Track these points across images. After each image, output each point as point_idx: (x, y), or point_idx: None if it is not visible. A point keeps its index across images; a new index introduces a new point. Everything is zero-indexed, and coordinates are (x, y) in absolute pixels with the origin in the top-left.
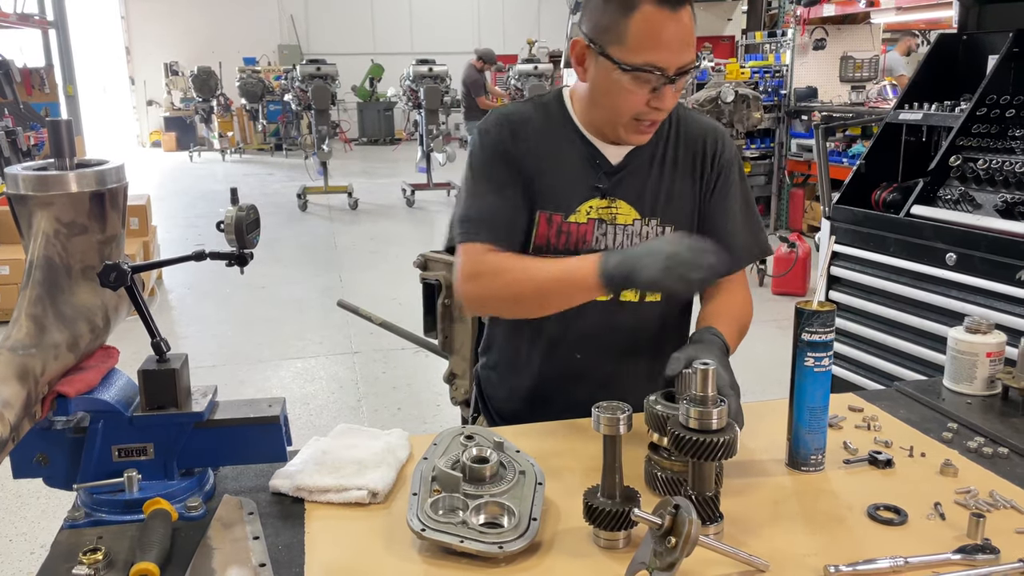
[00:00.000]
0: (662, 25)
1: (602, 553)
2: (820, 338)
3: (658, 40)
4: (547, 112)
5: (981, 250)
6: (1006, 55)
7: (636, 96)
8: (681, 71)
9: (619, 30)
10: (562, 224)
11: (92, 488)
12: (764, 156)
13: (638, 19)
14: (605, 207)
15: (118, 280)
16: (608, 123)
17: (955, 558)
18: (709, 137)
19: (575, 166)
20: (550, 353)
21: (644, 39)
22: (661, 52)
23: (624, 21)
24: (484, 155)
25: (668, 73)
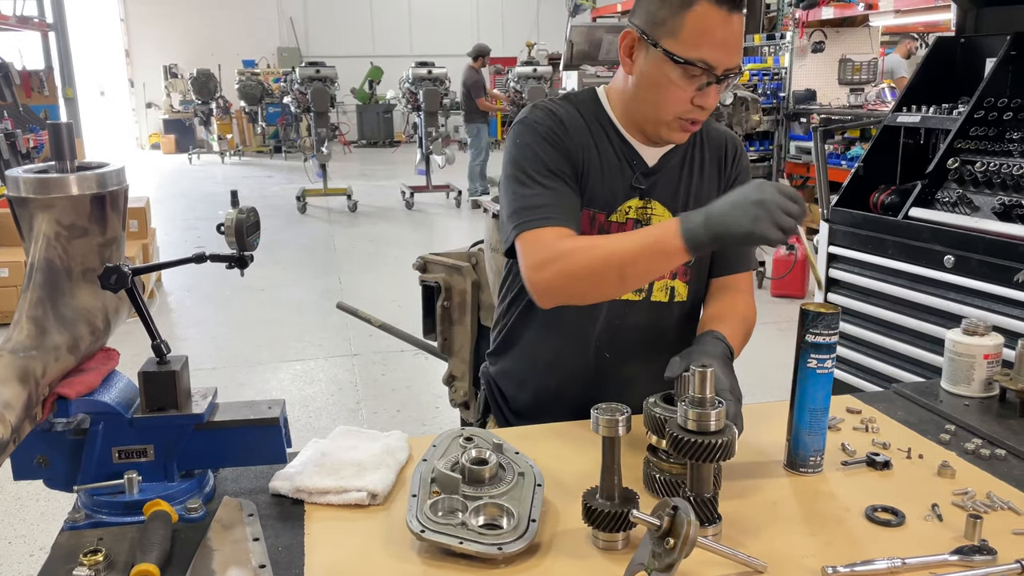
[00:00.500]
0: (717, 23)
1: (601, 554)
2: (824, 340)
3: (712, 37)
4: (586, 111)
5: (979, 252)
6: (1004, 58)
7: (683, 92)
8: (728, 72)
9: (675, 23)
10: (604, 223)
11: (92, 490)
12: (763, 158)
13: (695, 14)
14: (642, 207)
15: (119, 282)
16: (650, 120)
17: (952, 559)
18: (729, 143)
19: (614, 165)
20: (578, 352)
21: (699, 35)
22: (714, 50)
23: (681, 15)
24: (535, 144)
25: (717, 72)
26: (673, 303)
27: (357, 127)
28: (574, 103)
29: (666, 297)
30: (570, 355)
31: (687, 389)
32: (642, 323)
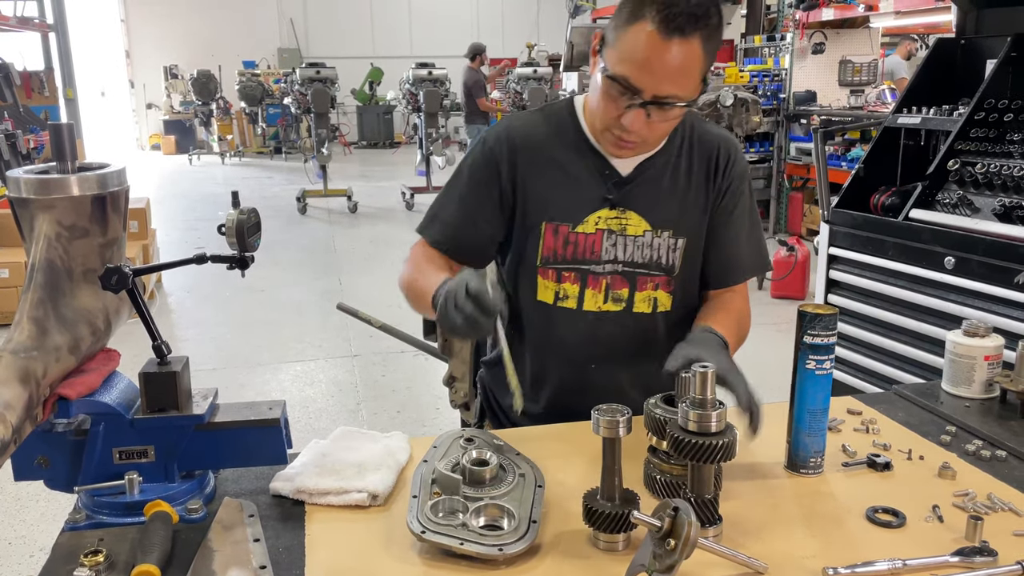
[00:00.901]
0: (650, 46)
1: (602, 555)
2: (822, 341)
3: (641, 58)
4: (556, 122)
5: (979, 254)
6: (1004, 59)
7: (611, 106)
8: (658, 100)
9: (617, 34)
10: (569, 234)
11: (93, 490)
12: (763, 160)
13: (634, 31)
14: (614, 218)
15: (119, 283)
16: (594, 129)
17: (953, 560)
18: (722, 148)
19: (583, 176)
20: (564, 364)
21: (630, 51)
22: (639, 71)
23: (625, 27)
24: (473, 167)
25: (642, 96)
26: (657, 313)
27: (357, 128)
28: (547, 114)
29: (649, 308)
30: (556, 367)
31: (687, 390)
32: (626, 334)
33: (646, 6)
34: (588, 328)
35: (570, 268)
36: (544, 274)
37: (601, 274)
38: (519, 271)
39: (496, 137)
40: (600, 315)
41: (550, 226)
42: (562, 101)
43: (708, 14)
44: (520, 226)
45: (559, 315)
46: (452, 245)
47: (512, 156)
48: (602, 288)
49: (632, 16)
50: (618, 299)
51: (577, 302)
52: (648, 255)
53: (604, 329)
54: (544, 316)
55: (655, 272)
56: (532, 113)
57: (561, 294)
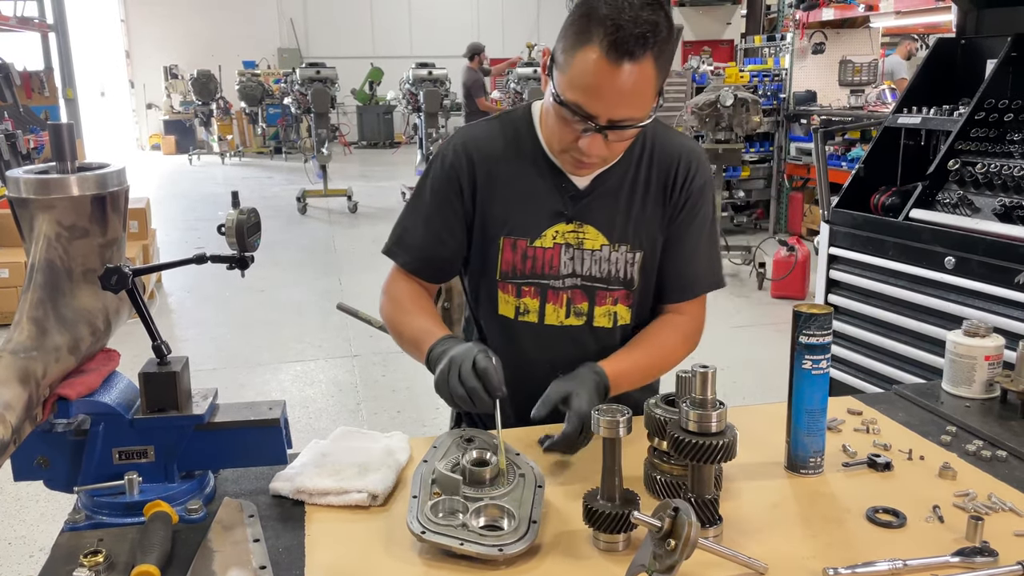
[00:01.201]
0: (600, 73)
1: (602, 556)
2: (817, 341)
3: (590, 86)
4: (514, 133)
5: (979, 254)
6: (1004, 59)
7: (567, 131)
8: (614, 124)
9: (568, 58)
10: (527, 249)
11: (93, 491)
12: (763, 160)
13: (583, 56)
14: (572, 232)
15: (119, 283)
16: (551, 147)
17: (954, 561)
18: (683, 160)
19: (540, 190)
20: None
21: (579, 79)
22: (592, 99)
23: (574, 51)
24: (433, 181)
25: (598, 121)
26: (616, 327)
27: (357, 128)
28: (505, 123)
29: (609, 323)
30: (525, 380)
31: (687, 390)
32: (589, 348)
33: (593, 29)
34: (550, 342)
35: (529, 283)
36: (504, 288)
37: (561, 288)
38: (480, 285)
39: (455, 152)
40: (562, 329)
41: (508, 241)
42: (520, 109)
43: (657, 30)
44: (479, 240)
45: (521, 329)
46: (423, 266)
47: (471, 170)
48: (563, 303)
49: (579, 40)
50: (579, 313)
51: (538, 316)
52: (606, 269)
53: (566, 343)
54: (506, 330)
55: (614, 287)
56: (490, 122)
57: (522, 309)
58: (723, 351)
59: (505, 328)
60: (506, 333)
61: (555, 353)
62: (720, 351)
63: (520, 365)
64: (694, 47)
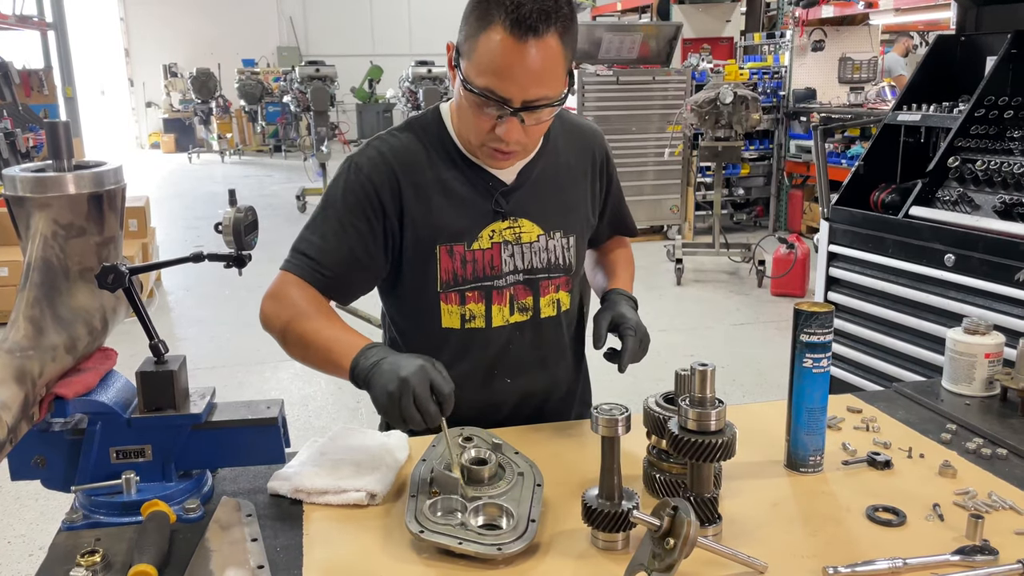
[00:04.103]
0: (508, 53)
1: (601, 554)
2: (818, 339)
3: (500, 67)
4: (430, 138)
5: (979, 251)
6: (1004, 56)
7: (482, 120)
8: (528, 105)
9: (471, 45)
10: (466, 254)
11: (90, 490)
12: (763, 157)
13: (487, 39)
14: (508, 228)
15: (116, 282)
16: (465, 141)
17: (954, 559)
18: (596, 144)
19: (468, 192)
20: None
21: (487, 62)
22: (502, 80)
23: (477, 36)
24: (345, 194)
25: (512, 104)
26: (561, 314)
27: (357, 126)
28: (417, 131)
29: (554, 311)
30: (469, 385)
31: (686, 388)
32: (537, 341)
33: (493, 10)
34: (499, 343)
35: (472, 287)
36: (447, 299)
37: (504, 287)
38: (417, 302)
39: (372, 164)
40: (509, 328)
41: (444, 248)
42: (427, 114)
43: (557, 7)
44: (413, 255)
45: (468, 337)
46: (329, 282)
47: (393, 183)
48: (507, 301)
49: (481, 23)
50: (524, 308)
51: (485, 320)
52: (545, 259)
53: (514, 341)
54: (452, 342)
55: (555, 274)
56: (400, 132)
57: (467, 316)
58: (722, 349)
59: (452, 340)
60: (453, 345)
61: (504, 353)
62: (719, 349)
63: (468, 373)
64: (693, 44)
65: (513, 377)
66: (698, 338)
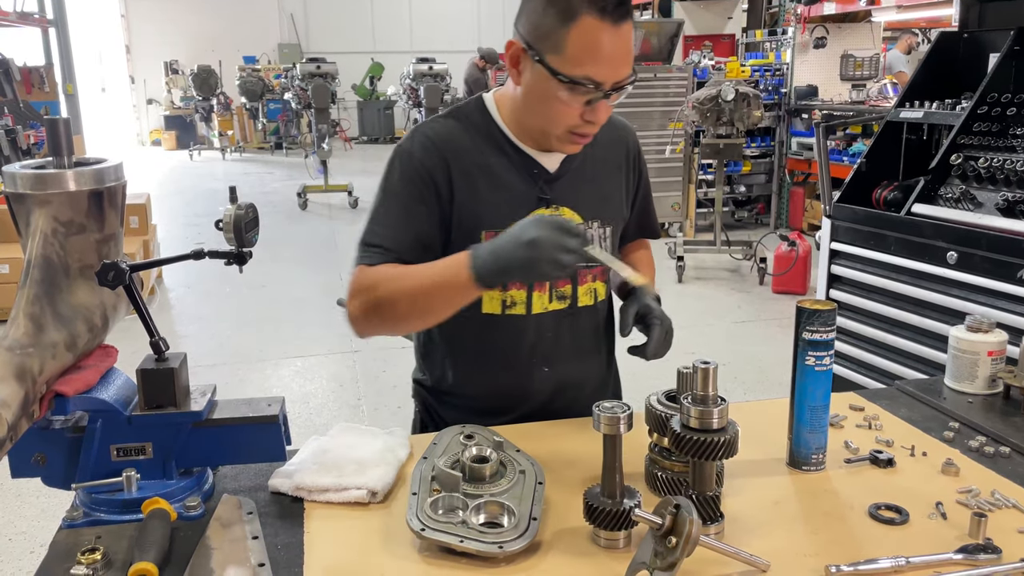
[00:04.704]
0: (602, 38)
1: (602, 553)
2: (821, 337)
3: (597, 53)
4: (473, 126)
5: (982, 249)
6: (1007, 53)
7: (570, 108)
8: (617, 86)
9: (558, 38)
10: None
11: (90, 488)
12: (764, 155)
13: (578, 30)
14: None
15: (116, 279)
16: (542, 132)
17: (957, 558)
18: (630, 137)
19: (513, 179)
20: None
21: (583, 51)
22: (599, 66)
23: (563, 30)
24: (403, 182)
25: (604, 87)
26: (597, 304)
27: (358, 123)
28: (460, 118)
29: (592, 300)
30: (504, 377)
31: (689, 386)
32: (575, 331)
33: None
34: (537, 331)
35: None
36: None
37: None
38: None
39: (423, 148)
40: (547, 316)
41: (490, 235)
42: (470, 103)
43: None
44: (458, 239)
45: (508, 323)
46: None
47: (445, 167)
48: (546, 288)
49: (565, 16)
50: (562, 297)
51: (526, 307)
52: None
53: (552, 329)
54: (492, 327)
55: (593, 263)
56: (444, 119)
57: (508, 302)
58: (724, 347)
59: (492, 325)
60: (492, 330)
61: (542, 341)
62: (721, 347)
63: (506, 359)
64: (695, 42)
65: (550, 365)
66: (700, 335)
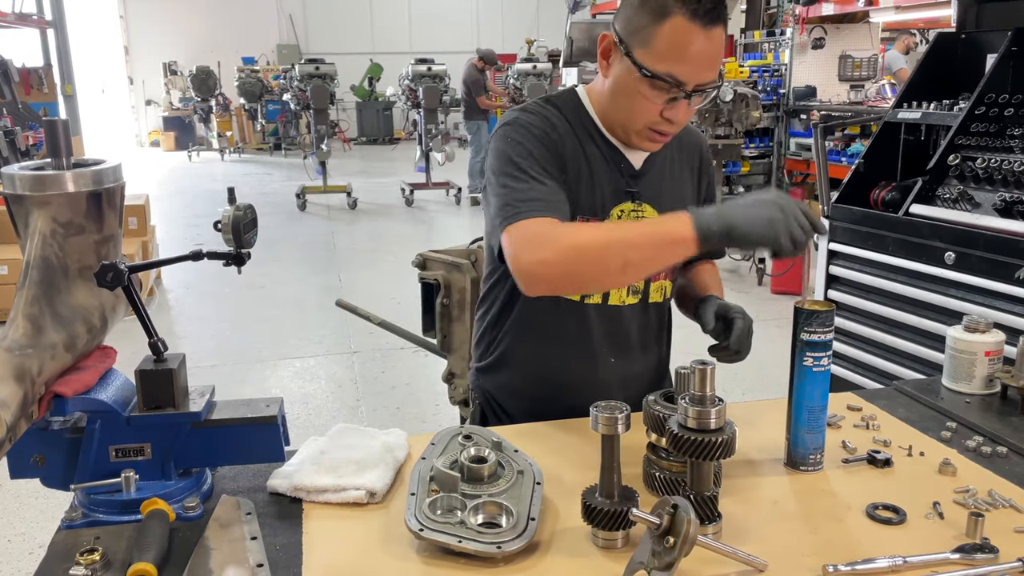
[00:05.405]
0: (691, 39)
1: (600, 553)
2: (819, 338)
3: (684, 52)
4: (570, 114)
5: (980, 249)
6: (1005, 54)
7: (651, 104)
8: (700, 88)
9: (648, 34)
10: None
11: (89, 488)
12: (763, 155)
13: (669, 27)
14: (633, 210)
15: (115, 280)
16: (622, 126)
17: (954, 557)
18: (699, 143)
19: (603, 169)
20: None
21: (670, 49)
22: (684, 65)
23: (655, 26)
24: (528, 142)
25: (687, 88)
26: (666, 300)
27: (357, 124)
28: (557, 106)
29: (661, 297)
30: (574, 365)
31: (687, 387)
32: (642, 324)
33: (671, 2)
34: (610, 322)
35: None
36: None
37: None
38: None
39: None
40: (623, 308)
41: (581, 219)
42: (564, 93)
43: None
44: None
45: (584, 312)
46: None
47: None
48: None
49: (659, 13)
50: (635, 291)
51: (603, 297)
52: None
53: (624, 321)
54: (570, 313)
55: None
56: (540, 105)
57: None
58: None
59: (570, 311)
60: (570, 316)
61: (616, 331)
62: None
63: (579, 347)
64: None
65: (617, 357)
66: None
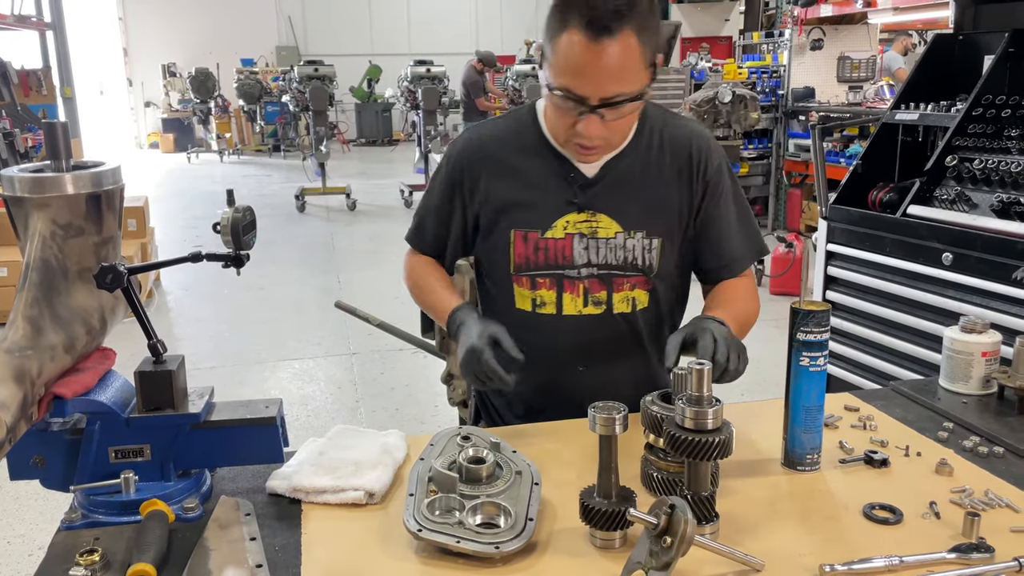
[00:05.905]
0: (582, 52)
1: (598, 553)
2: (815, 338)
3: (575, 67)
4: (520, 128)
5: (977, 250)
6: (1002, 55)
7: (564, 117)
8: (608, 102)
9: (551, 47)
10: (539, 241)
11: (89, 489)
12: (761, 156)
13: (565, 40)
14: (584, 221)
15: (114, 282)
16: (556, 136)
17: (950, 557)
18: (695, 145)
19: (548, 181)
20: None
21: (564, 62)
22: (578, 79)
23: (555, 39)
24: (441, 173)
25: (589, 102)
26: (637, 312)
27: (356, 126)
28: (511, 120)
29: (628, 307)
30: (547, 374)
31: (684, 387)
32: (612, 334)
33: (569, 13)
34: (571, 332)
35: (544, 274)
36: (519, 282)
37: (577, 278)
38: (494, 280)
39: (459, 149)
40: (581, 319)
41: (519, 233)
42: (525, 107)
43: (632, 4)
44: (488, 235)
45: (539, 322)
46: (437, 255)
47: (473, 167)
48: (580, 292)
49: (559, 26)
50: (598, 302)
51: (556, 308)
52: (622, 257)
53: (587, 332)
54: (524, 324)
55: (631, 273)
56: (500, 119)
57: (538, 301)
58: None
59: (523, 322)
60: (525, 327)
61: (577, 342)
62: None
63: (543, 357)
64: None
65: (587, 366)
66: None
